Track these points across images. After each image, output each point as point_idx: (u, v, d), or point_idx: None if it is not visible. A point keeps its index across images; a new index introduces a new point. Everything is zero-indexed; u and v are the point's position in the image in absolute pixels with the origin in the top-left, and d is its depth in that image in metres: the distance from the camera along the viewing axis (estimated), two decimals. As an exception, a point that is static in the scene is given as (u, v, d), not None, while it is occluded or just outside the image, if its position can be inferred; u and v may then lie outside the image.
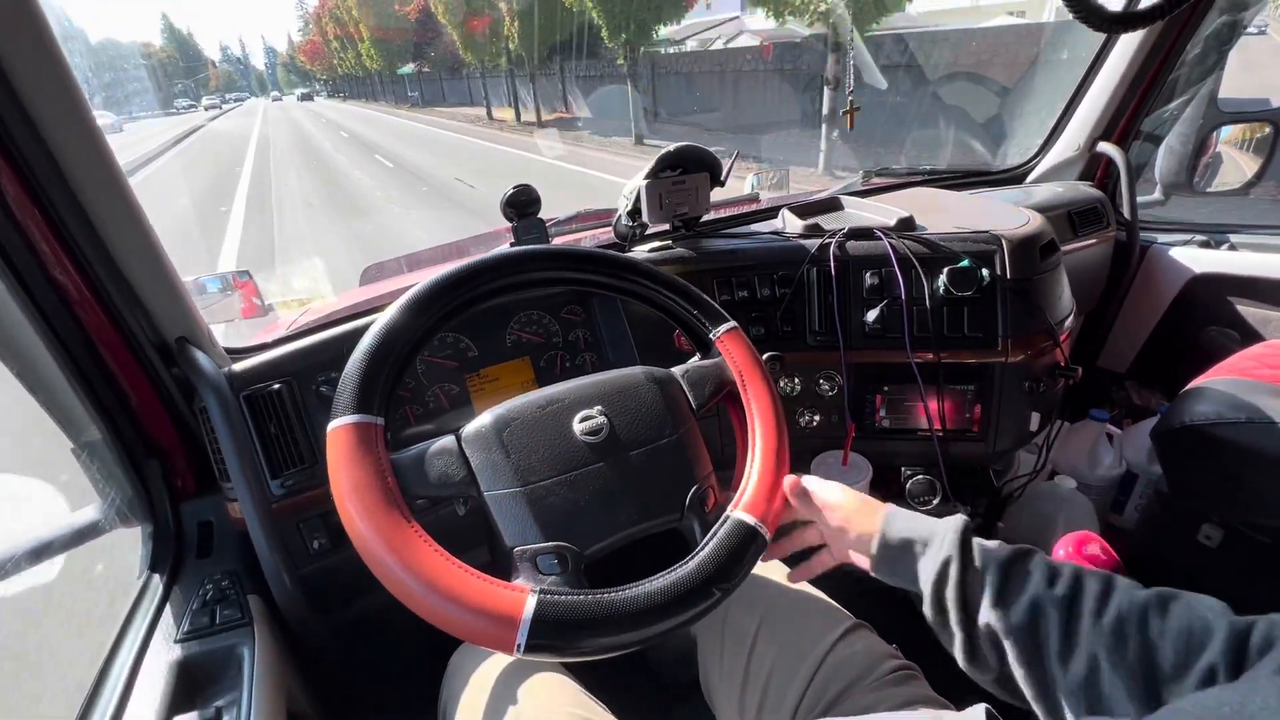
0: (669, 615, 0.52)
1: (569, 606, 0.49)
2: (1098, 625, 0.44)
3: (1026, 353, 0.98)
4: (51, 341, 0.62)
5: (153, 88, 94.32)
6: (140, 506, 0.74)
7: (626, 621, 0.50)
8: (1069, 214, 1.37)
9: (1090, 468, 1.38)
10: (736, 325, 0.73)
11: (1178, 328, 1.45)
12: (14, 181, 0.55)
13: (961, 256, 0.96)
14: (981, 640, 0.50)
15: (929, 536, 0.56)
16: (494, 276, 0.66)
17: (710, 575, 0.54)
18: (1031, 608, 0.47)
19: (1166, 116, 1.49)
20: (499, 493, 0.56)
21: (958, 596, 0.51)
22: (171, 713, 0.56)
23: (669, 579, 0.53)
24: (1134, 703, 0.41)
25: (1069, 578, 0.48)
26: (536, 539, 0.54)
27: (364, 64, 43.57)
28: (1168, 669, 0.40)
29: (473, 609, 0.48)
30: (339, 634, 0.82)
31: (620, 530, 0.57)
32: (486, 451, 0.57)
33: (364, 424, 0.54)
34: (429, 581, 0.49)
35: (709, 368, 0.71)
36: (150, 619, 0.65)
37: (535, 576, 0.53)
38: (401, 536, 0.50)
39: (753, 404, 0.68)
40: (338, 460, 0.53)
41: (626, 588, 0.52)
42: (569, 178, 9.78)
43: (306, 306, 1.16)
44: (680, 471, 0.61)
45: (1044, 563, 0.50)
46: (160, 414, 0.75)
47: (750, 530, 0.58)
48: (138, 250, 0.65)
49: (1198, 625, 0.41)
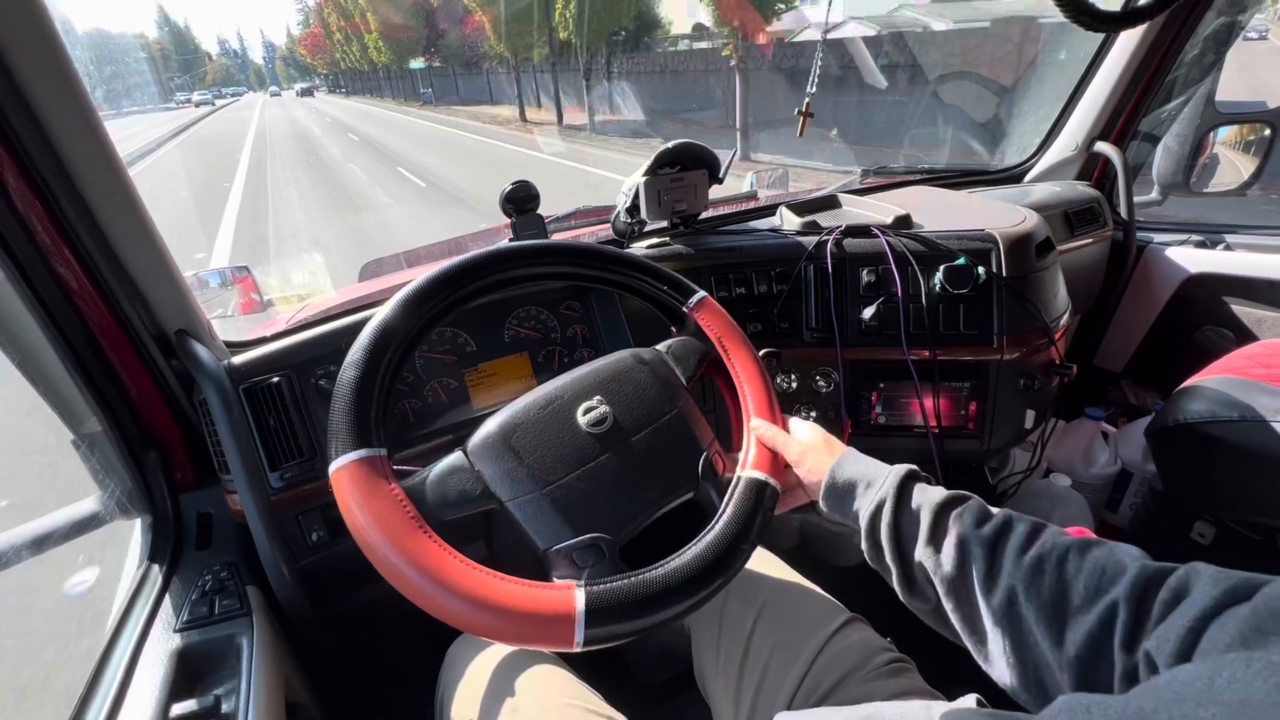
0: (709, 580, 0.54)
1: (617, 592, 0.51)
2: (1019, 562, 0.47)
3: (1022, 350, 0.99)
4: (52, 333, 0.63)
5: (153, 80, 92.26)
6: (140, 498, 0.75)
7: (673, 594, 0.53)
8: (1066, 213, 1.38)
9: (1085, 466, 1.39)
10: (707, 295, 0.75)
11: (1173, 327, 1.46)
12: (16, 174, 0.55)
13: (958, 254, 0.97)
14: (916, 576, 0.53)
15: (872, 478, 0.59)
16: (466, 281, 0.66)
17: (736, 535, 0.57)
18: (960, 545, 0.50)
19: (1164, 117, 1.50)
20: (520, 499, 0.56)
21: (891, 535, 0.54)
22: (171, 700, 0.56)
23: (701, 546, 0.56)
24: (1044, 631, 0.43)
25: (999, 520, 0.51)
26: (569, 536, 0.55)
27: (370, 58, 41.39)
28: (1076, 602, 0.43)
29: (528, 616, 0.49)
30: (336, 625, 0.82)
31: (646, 511, 0.59)
32: (499, 461, 0.57)
33: (367, 459, 0.53)
34: (478, 600, 0.49)
35: (689, 340, 0.73)
36: (150, 608, 0.66)
37: (575, 571, 0.54)
38: (436, 560, 0.50)
39: (736, 366, 0.71)
40: (348, 501, 0.52)
41: (664, 563, 0.54)
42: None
43: (305, 301, 1.17)
44: (686, 443, 0.64)
45: (977, 506, 0.53)
46: (160, 406, 0.75)
47: (762, 485, 0.61)
48: (138, 243, 0.65)
49: (1111, 566, 0.43)
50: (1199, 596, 0.37)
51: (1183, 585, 0.39)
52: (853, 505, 0.59)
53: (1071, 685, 0.42)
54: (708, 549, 0.56)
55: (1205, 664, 0.30)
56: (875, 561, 0.57)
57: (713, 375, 0.75)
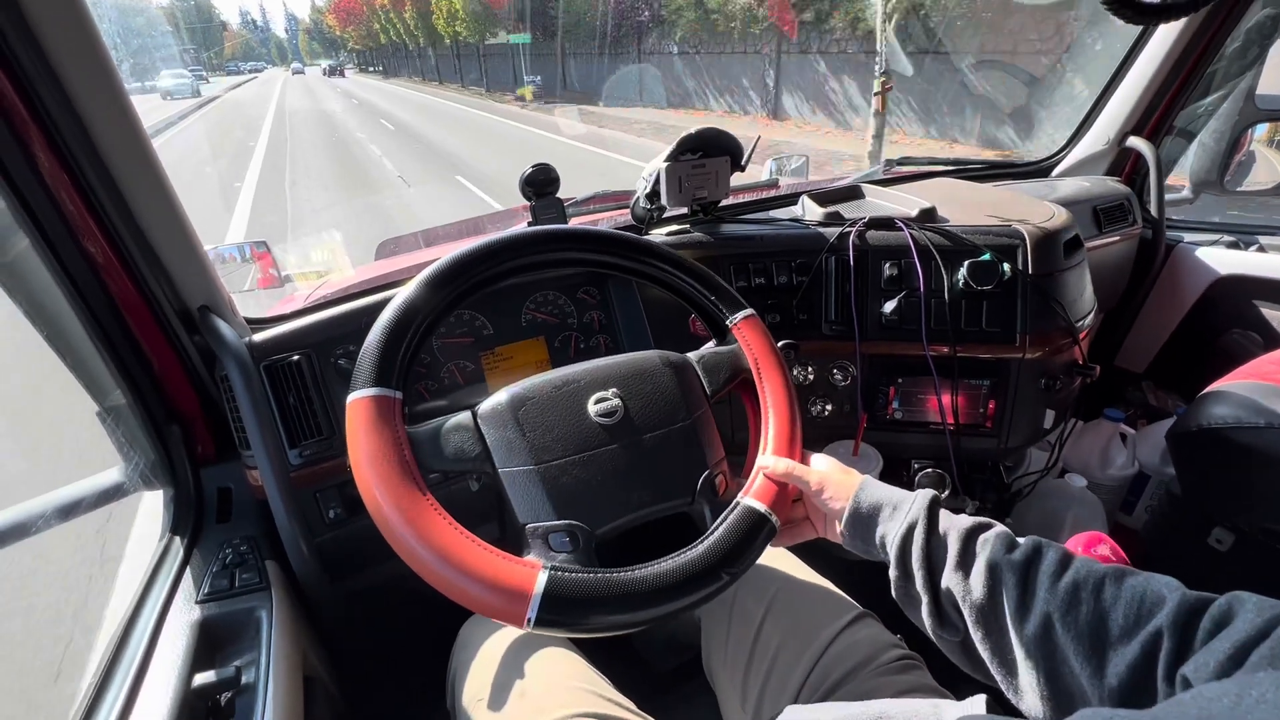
0: (676, 596, 0.53)
1: (579, 584, 0.50)
2: (1053, 589, 0.45)
3: (1045, 349, 0.97)
4: (80, 307, 0.64)
5: (178, 54, 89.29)
6: (162, 471, 0.76)
7: (635, 601, 0.51)
8: (1095, 209, 1.35)
9: (1102, 467, 1.37)
10: (754, 313, 0.73)
11: (1199, 329, 1.43)
12: (47, 152, 0.56)
13: (983, 249, 0.95)
14: (945, 604, 0.51)
15: (899, 502, 0.57)
16: (515, 255, 0.67)
17: (719, 559, 0.55)
18: (990, 571, 0.49)
19: (1200, 111, 1.45)
20: (513, 470, 0.57)
21: (922, 559, 0.52)
22: (193, 670, 0.58)
23: (678, 561, 0.54)
24: (1083, 663, 0.42)
25: (1028, 546, 0.49)
26: (549, 516, 0.55)
27: (429, 29, 29.76)
28: (1116, 632, 0.41)
29: (485, 582, 0.49)
30: (352, 602, 0.84)
31: (632, 511, 0.58)
32: (502, 429, 0.58)
33: (383, 397, 0.55)
34: (443, 554, 0.50)
35: (724, 354, 0.71)
36: (172, 580, 0.67)
37: (547, 553, 0.54)
38: (417, 508, 0.51)
39: (767, 393, 0.68)
40: (357, 431, 0.54)
41: (636, 568, 0.53)
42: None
43: (324, 279, 1.17)
44: (693, 456, 0.62)
45: (1004, 532, 0.52)
46: (182, 381, 0.76)
47: (760, 517, 0.59)
48: (164, 219, 0.66)
49: (1150, 595, 0.42)
50: (1242, 624, 0.36)
51: (1225, 613, 0.38)
52: (877, 531, 0.57)
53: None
54: (683, 565, 0.54)
55: (1234, 682, 0.29)
56: (902, 593, 0.55)
57: (742, 395, 0.73)
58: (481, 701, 0.67)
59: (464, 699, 0.69)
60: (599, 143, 11.30)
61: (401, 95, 28.21)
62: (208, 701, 0.57)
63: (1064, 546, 0.49)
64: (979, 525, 0.53)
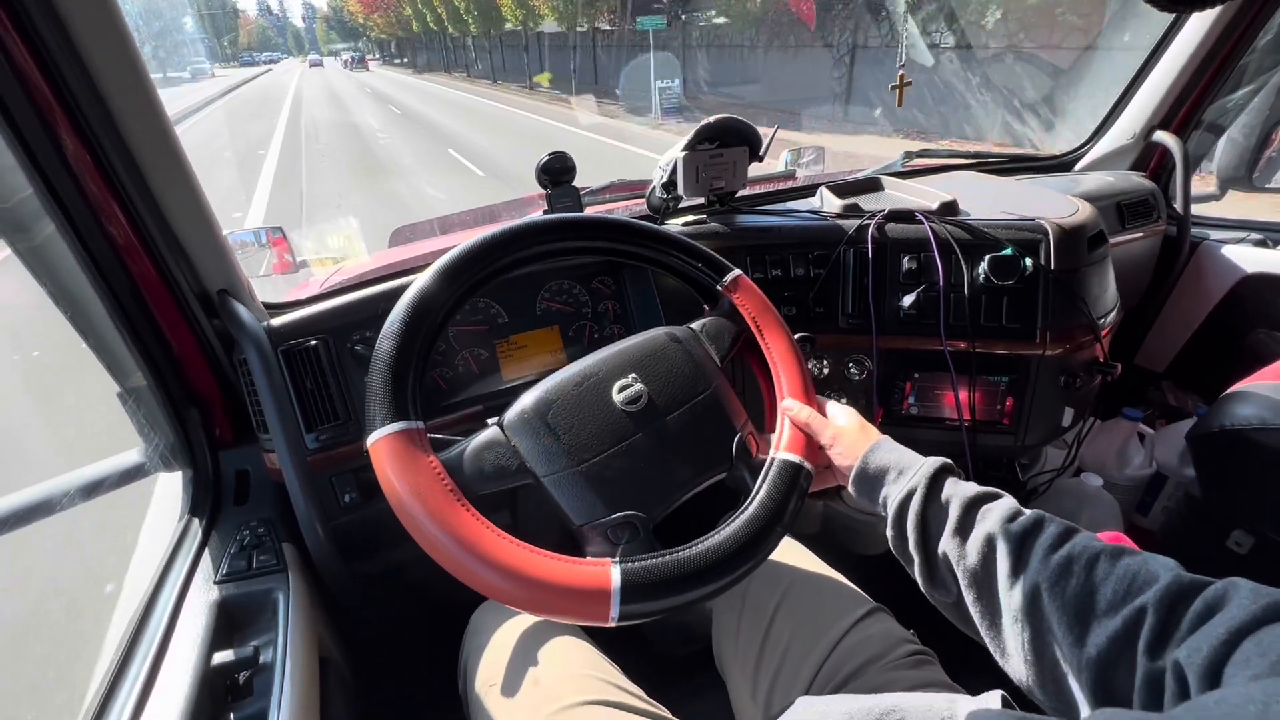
0: (742, 561, 0.55)
1: (651, 569, 0.52)
2: (1046, 560, 0.46)
3: (1065, 347, 0.96)
4: (102, 290, 0.64)
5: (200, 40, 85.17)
6: (181, 453, 0.77)
7: (706, 573, 0.53)
8: (1118, 205, 1.33)
9: (1119, 466, 1.35)
10: (741, 272, 0.74)
11: (1223, 328, 1.41)
12: (72, 135, 0.56)
13: (1005, 244, 0.94)
14: (939, 567, 0.52)
15: (905, 466, 0.58)
16: (495, 256, 0.65)
17: (770, 517, 0.57)
18: (986, 540, 0.49)
19: (1230, 106, 1.42)
20: (556, 475, 0.57)
21: (917, 524, 0.54)
22: (212, 649, 0.59)
23: (735, 527, 0.56)
24: (1065, 631, 0.43)
25: (1029, 518, 0.50)
26: (604, 513, 0.55)
27: (491, 12, 23.45)
28: (1102, 606, 0.42)
29: (564, 590, 0.50)
30: (365, 585, 0.84)
31: (679, 490, 0.59)
32: (535, 437, 0.58)
33: (407, 431, 0.54)
34: (516, 574, 0.50)
35: (723, 319, 0.72)
36: (191, 560, 0.68)
37: (610, 548, 0.55)
38: (476, 534, 0.51)
39: (770, 346, 0.70)
40: (387, 471, 0.52)
41: (698, 542, 0.54)
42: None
43: (339, 265, 1.18)
44: (721, 424, 0.63)
45: (1008, 503, 0.52)
46: (201, 364, 0.77)
47: (796, 467, 0.61)
48: (185, 203, 0.66)
49: (1144, 574, 0.42)
50: (1236, 610, 0.36)
51: (1218, 598, 0.38)
52: (881, 492, 0.59)
53: (1089, 687, 0.41)
54: (741, 529, 0.56)
55: (1259, 687, 0.29)
56: (898, 550, 0.57)
57: (746, 355, 0.74)
58: (494, 688, 0.68)
59: (476, 685, 0.70)
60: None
61: (453, 99, 21.10)
62: (226, 680, 0.58)
63: (1070, 524, 0.49)
64: (984, 495, 0.54)
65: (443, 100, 21.08)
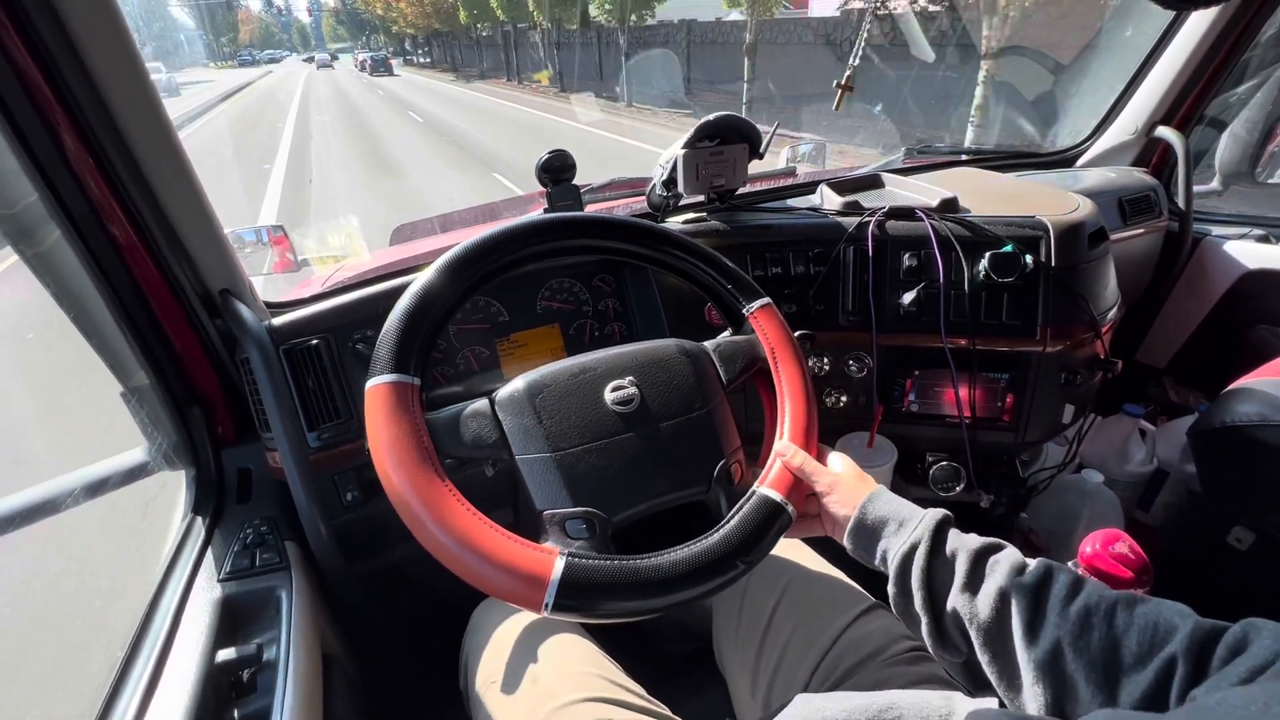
0: (691, 584, 0.53)
1: (596, 570, 0.51)
2: (1064, 613, 0.45)
3: (1065, 343, 0.96)
4: (105, 290, 0.64)
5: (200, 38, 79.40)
6: (184, 451, 0.77)
7: (650, 588, 0.52)
8: (1120, 201, 1.32)
9: (1120, 463, 1.35)
10: (770, 301, 0.73)
11: (1225, 324, 1.40)
12: (73, 136, 0.56)
13: (1005, 241, 0.94)
14: (948, 625, 0.51)
15: (905, 518, 0.56)
16: (533, 242, 0.67)
17: (734, 548, 0.55)
18: (999, 595, 0.48)
19: (1233, 101, 1.41)
20: (530, 457, 0.57)
21: (923, 580, 0.52)
22: (216, 646, 0.59)
23: (693, 549, 0.54)
24: (1094, 690, 0.42)
25: (1039, 569, 0.48)
26: (566, 504, 0.56)
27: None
28: (1129, 659, 0.41)
29: (504, 568, 0.50)
30: (367, 583, 0.85)
31: (648, 499, 0.58)
32: (519, 416, 0.58)
33: (401, 384, 0.56)
34: (461, 539, 0.51)
35: (741, 343, 0.71)
36: (195, 558, 0.69)
37: (564, 540, 0.55)
38: (436, 493, 0.52)
39: (784, 382, 0.68)
40: (376, 416, 0.54)
41: (651, 555, 0.53)
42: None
43: (340, 264, 1.18)
44: (709, 444, 0.62)
45: (1015, 554, 0.51)
46: (203, 363, 0.77)
47: (776, 506, 0.59)
48: (186, 203, 0.66)
49: (1163, 623, 0.41)
50: (1258, 650, 0.36)
51: (1240, 640, 0.38)
52: (880, 545, 0.57)
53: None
54: (698, 553, 0.54)
55: (1259, 689, 0.29)
56: (901, 609, 0.54)
57: (758, 384, 0.73)
58: (494, 685, 0.68)
59: (477, 683, 0.70)
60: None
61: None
62: (230, 677, 0.59)
63: (1075, 570, 0.48)
64: (989, 546, 0.52)
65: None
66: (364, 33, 70.34)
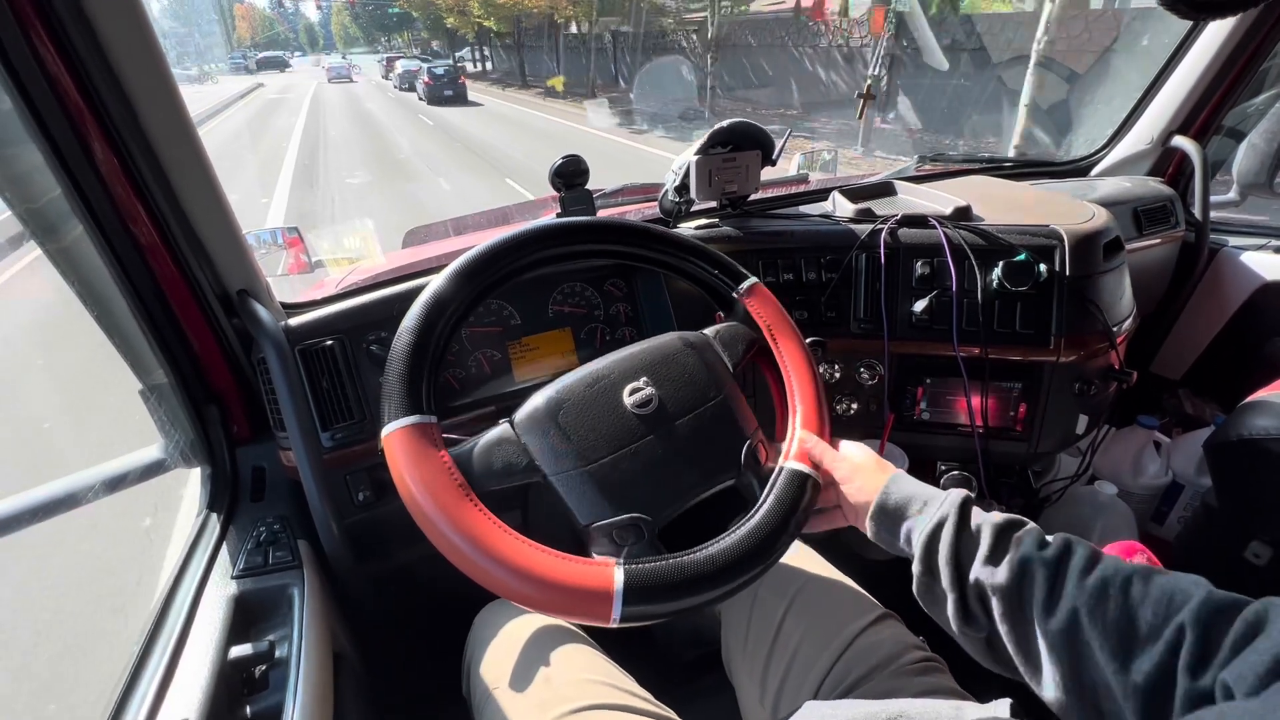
0: (745, 569, 0.55)
1: (655, 572, 0.52)
2: (1082, 584, 0.45)
3: (1080, 353, 0.95)
4: (126, 289, 0.66)
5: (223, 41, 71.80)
6: (200, 449, 0.78)
7: (709, 579, 0.53)
8: (1135, 210, 1.31)
9: (1134, 475, 1.34)
10: (758, 281, 0.74)
11: (1242, 336, 1.39)
12: (102, 141, 0.57)
13: (1019, 250, 0.93)
14: (971, 598, 0.51)
15: (928, 498, 0.57)
16: (507, 255, 0.66)
17: (775, 526, 0.57)
18: (1020, 565, 0.49)
19: (1251, 111, 1.40)
20: (564, 474, 0.57)
21: (950, 555, 0.52)
22: (230, 642, 0.60)
23: (739, 534, 0.56)
24: (1109, 659, 0.42)
25: (1060, 542, 0.49)
26: (610, 514, 0.56)
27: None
28: (1144, 630, 0.41)
29: (567, 589, 0.51)
30: (377, 583, 0.85)
31: (686, 495, 0.60)
32: (544, 436, 0.58)
33: (420, 425, 0.55)
34: (521, 571, 0.51)
35: (738, 326, 0.73)
36: (209, 555, 0.69)
37: (614, 549, 0.55)
38: (481, 529, 0.52)
39: (785, 356, 0.70)
40: (399, 463, 0.54)
41: (703, 547, 0.55)
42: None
43: (354, 266, 1.19)
44: (730, 431, 0.64)
45: (1036, 530, 0.52)
46: (220, 362, 0.78)
47: (804, 477, 0.61)
48: (207, 205, 0.67)
49: (1179, 593, 0.42)
50: (1278, 633, 0.35)
51: (1260, 618, 0.38)
52: (904, 525, 0.57)
53: (1136, 713, 0.40)
54: (746, 537, 0.56)
55: (1258, 701, 0.29)
56: (925, 590, 0.54)
57: (759, 362, 0.74)
58: (498, 690, 0.68)
59: (481, 686, 0.70)
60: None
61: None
62: (243, 673, 0.59)
63: (1093, 545, 0.49)
64: (1013, 522, 0.53)
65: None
66: (384, 33, 58.68)
